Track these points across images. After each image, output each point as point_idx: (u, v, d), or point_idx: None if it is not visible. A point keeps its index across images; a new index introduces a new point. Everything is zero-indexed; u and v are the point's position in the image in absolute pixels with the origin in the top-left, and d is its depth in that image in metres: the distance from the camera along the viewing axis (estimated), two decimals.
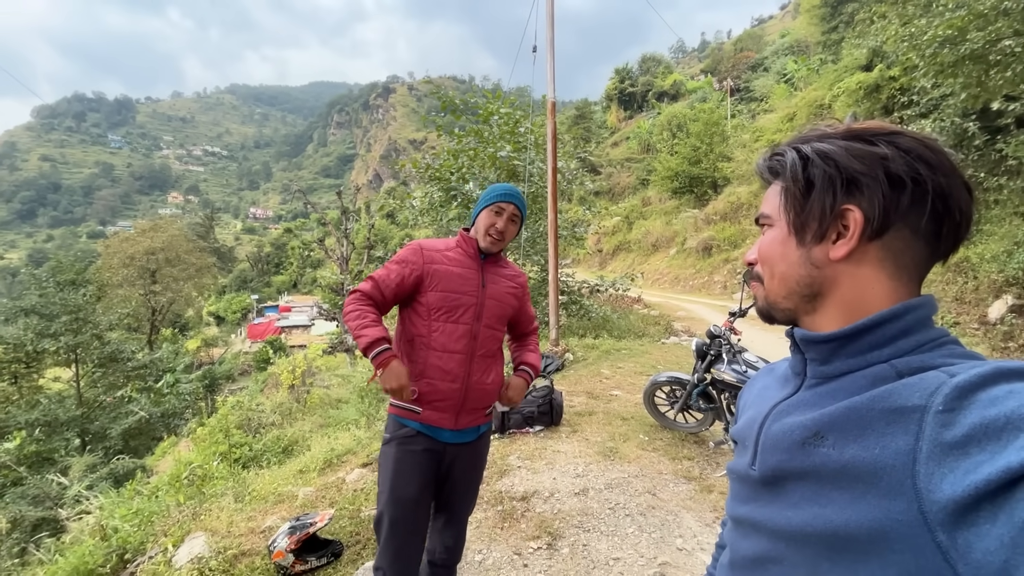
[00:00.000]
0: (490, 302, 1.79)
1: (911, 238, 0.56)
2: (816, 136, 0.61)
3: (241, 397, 13.49)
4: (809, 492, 0.54)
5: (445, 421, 1.73)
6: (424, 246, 1.81)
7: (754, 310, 0.72)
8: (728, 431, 3.91)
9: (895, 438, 0.48)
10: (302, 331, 38.14)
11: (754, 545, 0.62)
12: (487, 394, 1.79)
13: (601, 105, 58.80)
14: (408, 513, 1.70)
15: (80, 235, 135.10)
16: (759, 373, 0.81)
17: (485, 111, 9.49)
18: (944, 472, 0.44)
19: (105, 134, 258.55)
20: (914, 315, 0.56)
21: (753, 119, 29.46)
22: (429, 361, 1.70)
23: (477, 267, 1.82)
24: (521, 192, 1.76)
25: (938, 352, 0.54)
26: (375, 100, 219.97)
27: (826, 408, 0.56)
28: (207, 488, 4.17)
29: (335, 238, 16.86)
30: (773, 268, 0.64)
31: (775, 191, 0.64)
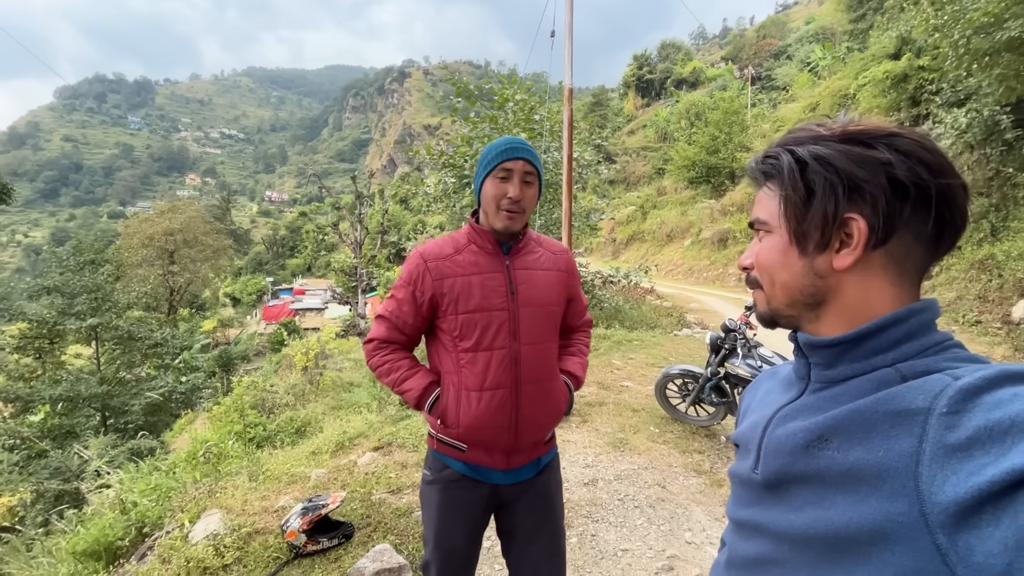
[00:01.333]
0: (526, 311, 1.37)
1: (913, 243, 0.55)
2: (810, 137, 0.58)
3: (256, 378, 13.75)
4: (812, 495, 0.54)
5: (495, 462, 1.41)
6: (427, 256, 1.40)
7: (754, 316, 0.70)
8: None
9: (899, 440, 0.48)
10: (316, 314, 38.56)
11: (755, 547, 0.62)
12: (545, 425, 1.44)
13: (618, 92, 57.98)
14: (456, 565, 1.48)
15: (101, 215, 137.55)
16: (761, 376, 0.80)
17: (501, 97, 9.39)
18: (947, 474, 0.43)
19: (125, 115, 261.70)
20: (918, 319, 0.55)
21: (774, 108, 28.85)
22: (464, 403, 1.36)
23: (501, 266, 1.39)
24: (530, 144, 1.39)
25: (942, 356, 0.54)
26: (390, 84, 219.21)
27: (830, 412, 0.55)
28: (222, 466, 4.26)
29: (349, 223, 16.92)
30: (774, 277, 0.63)
31: (770, 195, 0.63)
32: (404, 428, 4.29)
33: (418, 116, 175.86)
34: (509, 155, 1.33)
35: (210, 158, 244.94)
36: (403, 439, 4.02)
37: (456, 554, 1.46)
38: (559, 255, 1.49)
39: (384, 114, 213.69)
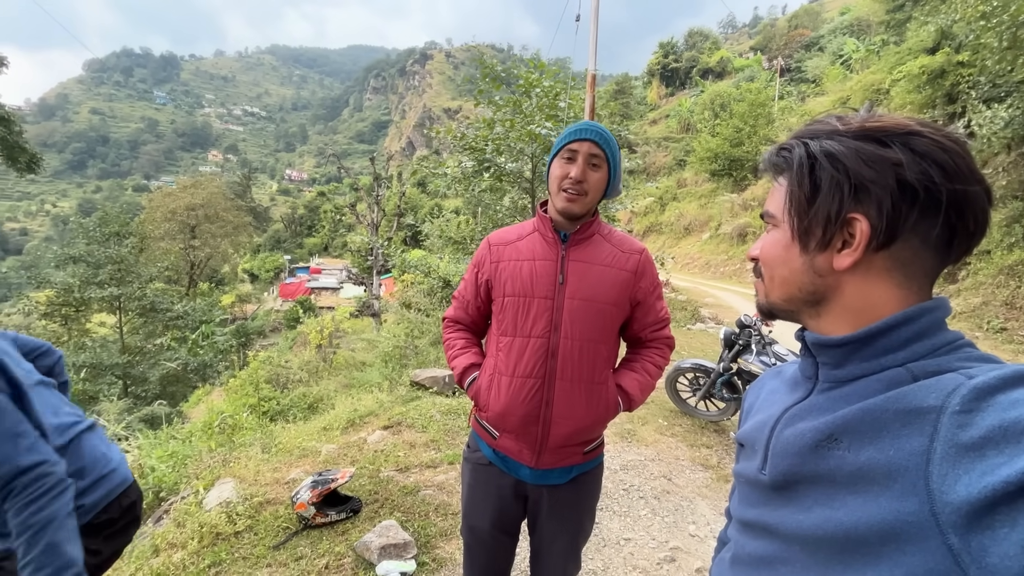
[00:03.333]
0: (573, 303, 1.29)
1: (920, 247, 0.53)
2: (826, 132, 0.57)
3: (271, 353, 14.03)
4: (822, 496, 0.53)
5: (524, 456, 1.35)
6: (493, 241, 1.43)
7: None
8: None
9: (910, 439, 0.47)
10: (331, 293, 39.06)
11: (763, 546, 0.61)
12: (580, 432, 1.32)
13: (642, 80, 56.91)
14: (481, 546, 1.48)
15: (126, 188, 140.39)
16: (766, 375, 0.78)
17: (527, 82, 9.28)
18: (959, 473, 0.42)
19: (151, 90, 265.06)
20: (928, 318, 0.54)
21: (802, 101, 28.08)
22: (495, 388, 1.34)
23: (555, 255, 1.33)
24: (607, 130, 1.32)
25: (955, 355, 0.52)
26: (412, 66, 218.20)
27: (840, 411, 0.54)
28: (237, 438, 4.37)
29: (366, 204, 17.03)
30: (773, 271, 0.62)
31: (780, 189, 0.61)
32: (414, 409, 4.34)
33: (438, 99, 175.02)
34: (577, 135, 1.29)
35: (232, 135, 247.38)
36: (412, 419, 4.07)
37: (479, 533, 1.47)
38: (630, 255, 1.36)
39: (405, 96, 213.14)
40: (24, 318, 17.93)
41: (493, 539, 1.46)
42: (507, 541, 1.49)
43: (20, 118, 14.57)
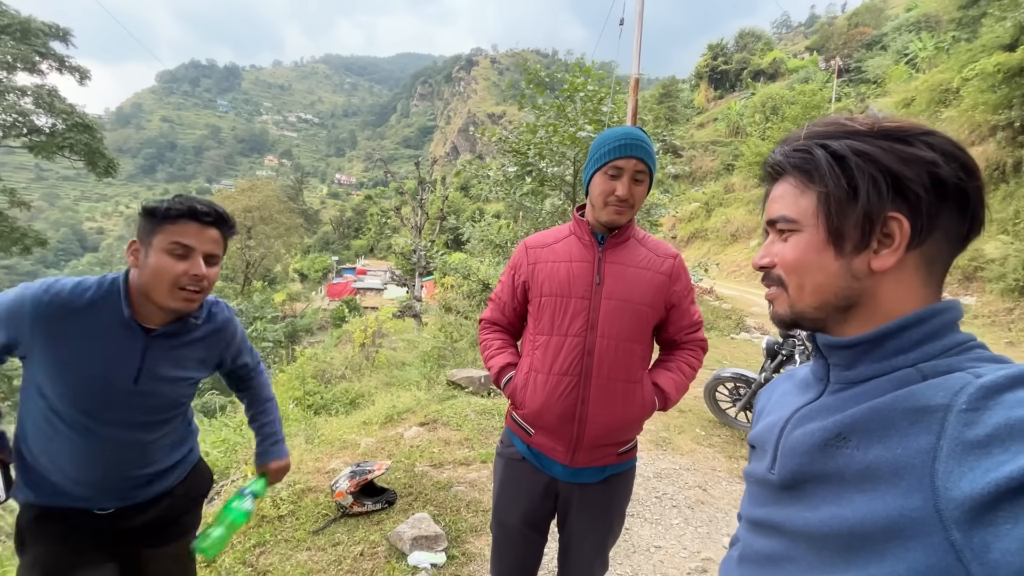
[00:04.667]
0: (609, 304, 1.32)
1: (943, 243, 0.54)
2: (843, 132, 0.56)
3: (317, 350, 14.59)
4: (830, 494, 0.54)
5: (558, 453, 1.37)
6: (530, 244, 1.47)
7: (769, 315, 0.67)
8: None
9: (917, 437, 0.47)
10: (375, 294, 40.16)
11: (770, 544, 0.62)
12: (615, 430, 1.34)
13: (689, 83, 55.61)
14: (510, 542, 1.50)
15: (191, 191, 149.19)
16: (779, 378, 0.79)
17: (571, 86, 9.29)
18: (963, 470, 0.43)
19: (215, 99, 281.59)
20: (940, 319, 0.54)
21: (862, 103, 26.68)
22: (531, 385, 1.37)
23: (592, 256, 1.37)
24: (648, 137, 1.33)
25: (966, 356, 0.52)
26: (458, 72, 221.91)
27: (849, 410, 0.55)
28: (283, 428, 4.59)
29: (411, 207, 17.47)
30: (805, 279, 0.59)
31: (796, 191, 0.60)
32: (450, 407, 4.43)
33: (483, 104, 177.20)
34: (622, 152, 1.28)
35: (287, 141, 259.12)
36: (448, 417, 4.16)
37: (508, 530, 1.49)
38: (664, 259, 1.40)
39: (450, 102, 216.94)
40: None
41: (522, 536, 1.48)
42: (536, 539, 1.50)
43: (100, 126, 15.87)
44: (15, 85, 14.16)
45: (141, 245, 1.17)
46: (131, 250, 1.19)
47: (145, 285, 1.16)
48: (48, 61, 14.47)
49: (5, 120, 14.02)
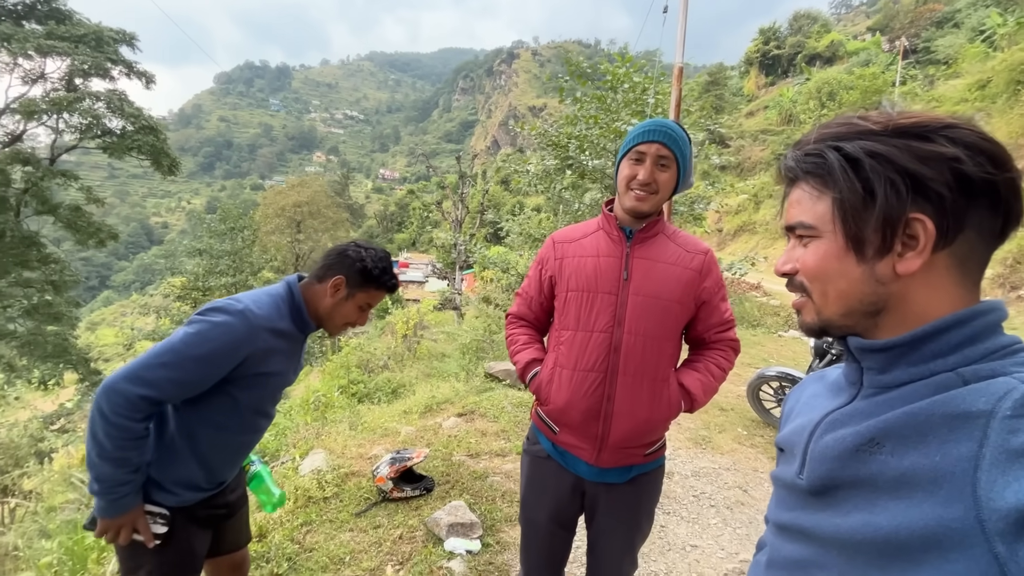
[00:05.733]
0: (637, 299, 1.30)
1: (976, 240, 0.51)
2: (856, 133, 0.54)
3: (362, 340, 15.06)
4: (862, 500, 0.52)
5: (583, 452, 1.35)
6: (557, 239, 1.46)
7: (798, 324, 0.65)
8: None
9: (958, 444, 0.45)
10: (417, 286, 40.98)
11: (799, 550, 0.60)
12: (643, 430, 1.32)
13: (738, 70, 53.36)
14: (537, 537, 1.50)
15: (245, 187, 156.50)
16: (807, 379, 0.76)
17: (613, 77, 9.12)
18: (1008, 480, 0.41)
19: (267, 98, 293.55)
20: (982, 321, 0.51)
21: (931, 86, 24.85)
22: (560, 379, 1.35)
23: (620, 251, 1.34)
24: (678, 127, 1.32)
25: (1010, 360, 0.49)
26: (499, 66, 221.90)
27: (883, 415, 0.53)
28: (328, 415, 4.81)
29: (452, 201, 17.69)
30: (828, 286, 0.58)
31: (813, 197, 0.58)
32: (487, 399, 4.51)
33: (524, 97, 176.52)
34: (646, 137, 1.29)
35: (334, 137, 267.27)
36: (485, 409, 4.23)
37: (536, 525, 1.49)
38: (694, 255, 1.36)
39: (491, 95, 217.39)
40: (163, 299, 20.80)
41: (549, 532, 1.48)
42: (563, 534, 1.50)
43: (164, 127, 16.90)
44: (91, 91, 15.28)
45: (346, 288, 1.39)
46: (334, 284, 1.38)
47: (328, 316, 1.41)
48: (118, 67, 15.51)
49: (82, 123, 15.15)
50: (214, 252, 18.93)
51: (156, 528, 1.28)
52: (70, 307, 15.78)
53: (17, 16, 14.86)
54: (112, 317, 53.99)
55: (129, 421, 1.15)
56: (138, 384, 1.14)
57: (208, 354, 1.20)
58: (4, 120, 15.15)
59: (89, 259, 79.32)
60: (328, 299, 1.39)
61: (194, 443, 1.30)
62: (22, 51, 13.96)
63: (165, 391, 1.18)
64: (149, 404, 1.17)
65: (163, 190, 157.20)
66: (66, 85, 15.25)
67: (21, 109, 14.23)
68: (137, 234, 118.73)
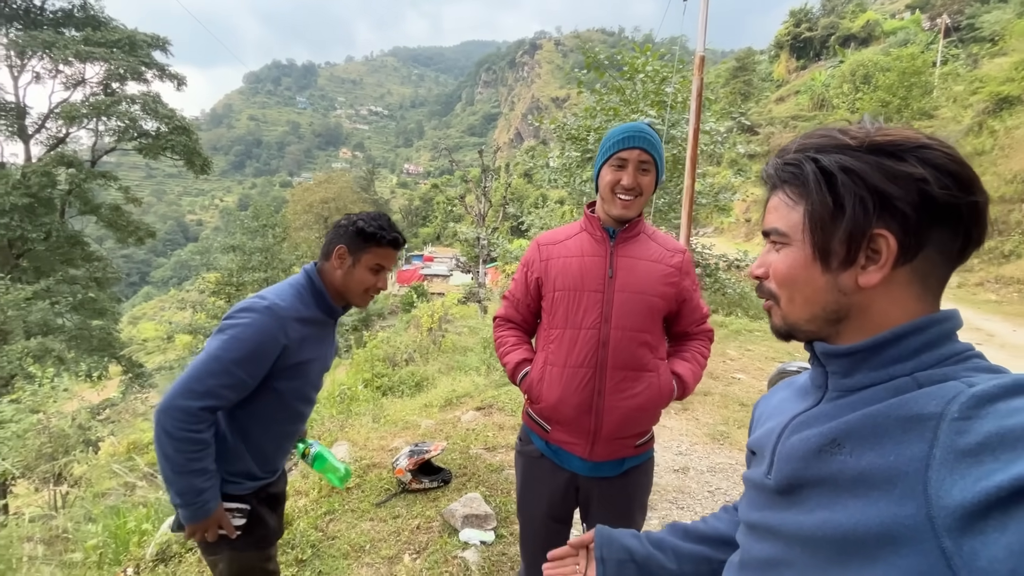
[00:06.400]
0: (623, 296, 1.36)
1: (938, 258, 0.54)
2: (834, 146, 0.56)
3: (388, 333, 15.35)
4: (824, 499, 0.54)
5: (577, 448, 1.40)
6: (542, 241, 1.51)
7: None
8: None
9: (911, 445, 0.48)
10: (442, 280, 41.36)
11: (767, 549, 0.63)
12: (631, 420, 1.37)
13: (768, 54, 51.69)
14: (535, 533, 1.54)
15: (274, 184, 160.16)
16: (777, 386, 0.78)
17: (631, 67, 8.99)
18: (955, 478, 0.43)
19: (294, 96, 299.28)
20: (937, 328, 0.54)
21: (974, 65, 23.60)
22: (551, 376, 1.40)
23: (604, 251, 1.41)
24: (651, 128, 1.39)
25: (962, 366, 0.52)
26: (521, 57, 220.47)
27: (844, 417, 0.55)
28: (353, 407, 4.95)
29: (475, 195, 17.77)
30: (794, 292, 0.60)
31: (788, 205, 0.60)
32: (505, 393, 4.57)
33: (546, 88, 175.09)
34: (625, 144, 1.35)
35: (360, 133, 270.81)
36: (503, 403, 4.29)
37: (533, 522, 1.54)
38: (673, 253, 1.45)
39: (514, 87, 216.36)
40: (199, 295, 21.58)
41: (546, 528, 1.52)
42: (560, 528, 1.54)
43: (196, 127, 17.46)
44: (126, 94, 15.89)
45: (350, 255, 1.40)
46: (338, 254, 1.40)
47: (344, 287, 1.43)
48: (152, 70, 16.08)
49: (120, 126, 15.80)
50: (246, 248, 19.55)
51: (236, 521, 1.37)
52: (112, 302, 16.56)
53: (56, 24, 15.55)
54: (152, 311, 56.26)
55: (195, 433, 1.22)
56: (195, 398, 1.21)
57: (249, 354, 1.26)
58: (48, 124, 15.94)
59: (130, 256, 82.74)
60: (338, 271, 1.41)
61: (247, 438, 1.38)
62: (63, 58, 14.61)
63: (223, 397, 1.25)
64: (210, 413, 1.25)
65: (197, 188, 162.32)
66: (103, 89, 15.91)
67: (64, 113, 14.92)
68: (174, 231, 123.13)
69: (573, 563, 0.91)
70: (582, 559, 0.91)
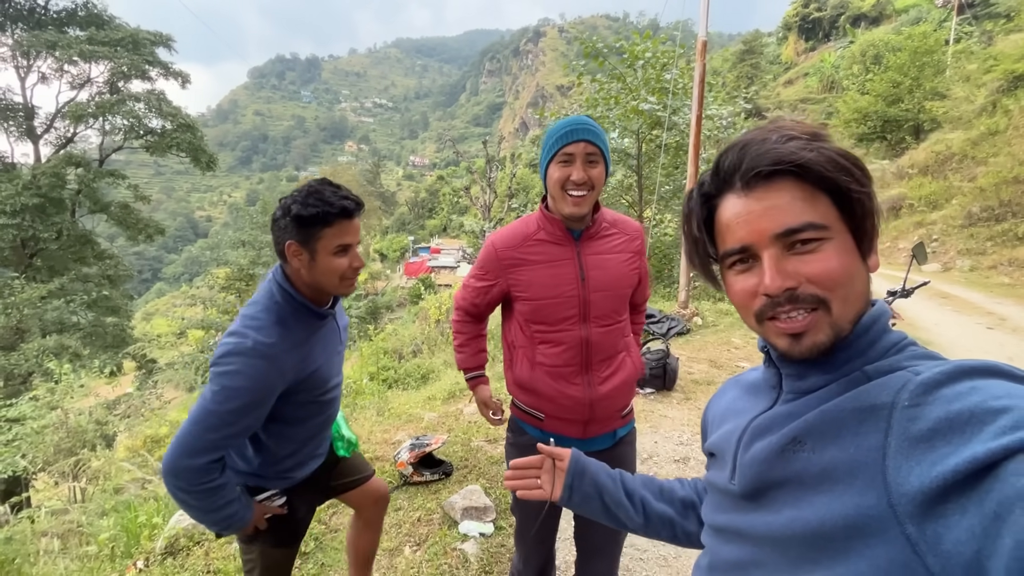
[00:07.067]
0: (598, 295, 1.39)
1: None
2: (808, 135, 0.57)
3: (396, 326, 15.46)
4: (790, 497, 0.55)
5: (571, 431, 1.45)
6: (498, 245, 1.45)
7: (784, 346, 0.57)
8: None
9: (867, 436, 0.49)
10: (449, 272, 41.42)
11: (736, 551, 0.63)
12: (617, 397, 1.44)
13: (776, 36, 50.71)
14: (532, 523, 1.56)
15: (281, 179, 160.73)
16: (725, 385, 0.79)
17: (631, 54, 8.88)
18: (911, 465, 0.44)
19: (299, 91, 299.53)
20: (879, 324, 0.57)
21: (988, 43, 23.00)
22: (538, 377, 1.43)
23: (571, 254, 1.39)
24: (593, 121, 1.35)
25: (903, 355, 0.55)
26: (525, 45, 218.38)
27: (802, 416, 0.56)
28: (358, 400, 5.01)
29: (480, 186, 17.72)
30: (849, 290, 0.55)
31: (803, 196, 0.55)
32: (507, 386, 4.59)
33: (551, 77, 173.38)
34: (569, 139, 1.30)
35: (365, 126, 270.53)
36: (505, 395, 4.31)
37: (529, 512, 1.56)
38: (633, 236, 1.48)
39: (518, 76, 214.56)
40: (209, 291, 21.82)
41: (541, 513, 1.52)
42: (554, 511, 1.57)
43: (202, 124, 17.54)
44: (131, 92, 15.98)
45: (302, 248, 1.22)
46: (291, 252, 1.23)
47: (316, 283, 1.27)
48: (156, 69, 16.14)
49: (126, 124, 15.91)
50: (256, 243, 19.70)
51: (277, 502, 1.41)
52: (125, 299, 16.81)
53: (60, 23, 15.63)
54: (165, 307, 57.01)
55: (209, 484, 1.19)
56: (197, 455, 1.15)
57: (246, 404, 1.17)
58: (56, 124, 16.10)
59: (141, 253, 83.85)
60: (301, 270, 1.25)
61: (283, 443, 1.38)
62: (67, 57, 14.71)
63: (227, 445, 1.20)
64: (217, 463, 1.20)
65: (205, 185, 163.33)
66: (109, 88, 16.01)
67: (71, 113, 15.04)
68: (184, 228, 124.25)
69: (535, 474, 0.89)
70: (546, 473, 0.88)
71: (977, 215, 12.64)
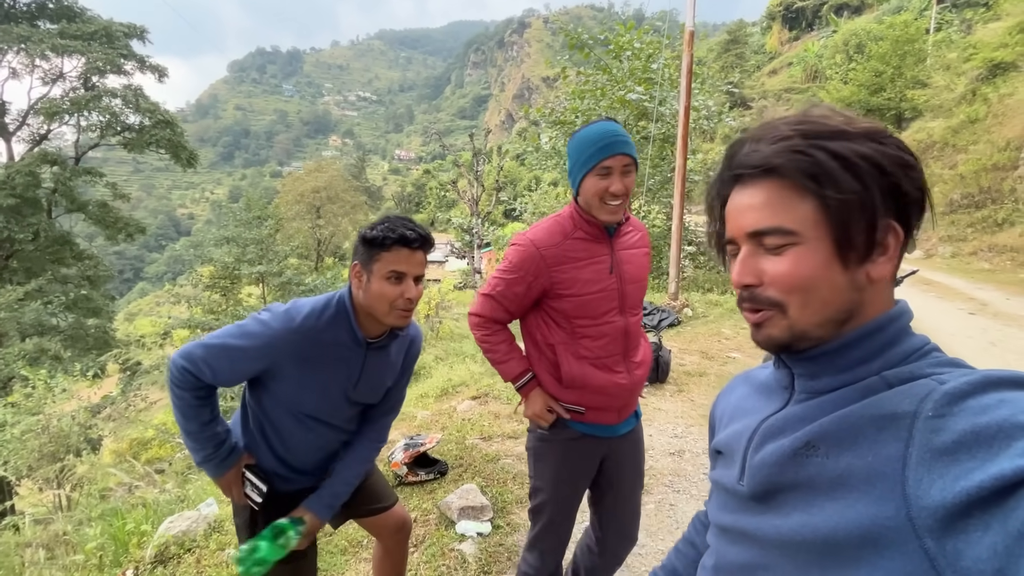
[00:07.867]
0: (629, 288, 1.50)
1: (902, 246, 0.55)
2: (832, 132, 0.53)
3: None
4: (801, 502, 0.54)
5: (609, 418, 1.53)
6: (539, 245, 1.46)
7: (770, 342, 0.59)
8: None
9: (887, 445, 0.47)
10: (437, 266, 41.29)
11: (743, 552, 0.62)
12: (643, 379, 1.58)
13: (760, 26, 50.91)
14: (569, 514, 1.62)
15: (264, 174, 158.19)
16: (734, 381, 0.77)
17: (616, 45, 8.84)
18: (933, 478, 0.43)
19: (280, 84, 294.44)
20: (896, 325, 0.54)
21: (968, 31, 23.33)
22: (587, 371, 1.47)
23: (607, 250, 1.48)
24: (622, 128, 1.40)
25: (925, 361, 0.53)
26: (510, 37, 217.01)
27: (818, 420, 0.55)
28: None
29: (467, 180, 17.59)
30: (810, 296, 0.54)
31: (785, 197, 0.54)
32: (500, 381, 4.57)
33: (536, 68, 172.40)
34: (608, 152, 1.35)
35: (348, 120, 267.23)
36: (499, 391, 4.30)
37: (570, 505, 1.60)
38: (644, 232, 1.63)
39: (503, 68, 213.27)
40: (193, 289, 21.47)
41: (573, 508, 1.62)
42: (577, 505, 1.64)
43: (182, 119, 17.16)
44: (107, 88, 15.55)
45: (363, 269, 1.29)
46: (354, 273, 1.32)
47: (368, 306, 1.31)
48: (131, 62, 15.71)
49: (102, 121, 15.49)
50: (241, 240, 19.39)
51: (252, 496, 1.41)
52: (106, 300, 16.46)
53: (31, 16, 15.13)
54: (148, 307, 56.05)
55: (180, 390, 1.28)
56: (184, 358, 1.27)
57: (242, 347, 1.26)
58: (29, 121, 15.63)
59: (122, 252, 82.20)
60: (359, 292, 1.31)
61: (265, 436, 1.43)
62: (39, 52, 14.25)
63: (201, 371, 1.27)
64: (191, 377, 1.27)
65: (187, 182, 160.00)
66: (83, 83, 15.56)
67: (44, 110, 14.61)
68: (165, 226, 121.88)
69: None
70: None
71: (958, 202, 12.89)
